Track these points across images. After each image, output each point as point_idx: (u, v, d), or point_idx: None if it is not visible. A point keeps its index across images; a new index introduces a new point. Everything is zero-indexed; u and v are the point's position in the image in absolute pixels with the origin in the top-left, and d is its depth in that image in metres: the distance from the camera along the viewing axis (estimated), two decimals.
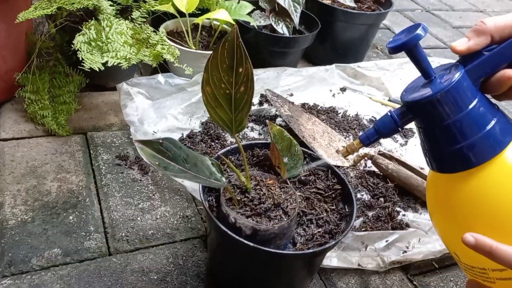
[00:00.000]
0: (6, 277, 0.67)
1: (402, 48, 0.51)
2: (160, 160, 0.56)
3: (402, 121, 0.55)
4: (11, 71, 0.97)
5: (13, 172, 0.84)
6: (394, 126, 0.55)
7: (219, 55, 0.54)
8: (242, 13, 1.16)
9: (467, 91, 0.51)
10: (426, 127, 0.54)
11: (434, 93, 0.50)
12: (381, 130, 0.56)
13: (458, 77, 0.50)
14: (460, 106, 0.51)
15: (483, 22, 0.52)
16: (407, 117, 0.55)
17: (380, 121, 0.56)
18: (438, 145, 0.54)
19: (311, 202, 0.67)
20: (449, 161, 0.53)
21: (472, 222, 0.53)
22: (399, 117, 0.55)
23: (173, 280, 0.71)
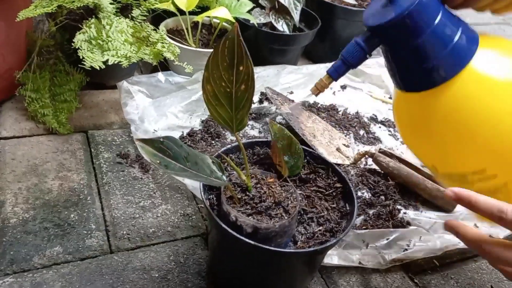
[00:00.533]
0: (8, 275, 0.67)
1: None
2: (161, 158, 0.56)
3: (368, 47, 0.54)
4: (11, 69, 0.97)
5: (14, 170, 0.84)
6: (362, 53, 0.54)
7: (220, 53, 0.54)
8: (242, 10, 1.16)
9: (430, 6, 0.50)
10: (393, 49, 0.53)
11: (399, 14, 0.49)
12: (348, 60, 0.55)
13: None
14: (426, 23, 0.49)
15: None
16: (373, 42, 0.53)
17: (346, 51, 0.55)
18: (408, 66, 0.52)
19: (311, 200, 0.67)
20: (421, 79, 0.52)
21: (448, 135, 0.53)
22: (365, 43, 0.53)
23: (174, 278, 0.71)
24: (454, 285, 0.79)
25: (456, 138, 0.52)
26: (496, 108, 0.50)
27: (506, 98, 0.50)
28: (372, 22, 0.51)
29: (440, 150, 0.55)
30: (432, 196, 0.90)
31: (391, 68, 0.56)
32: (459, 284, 0.80)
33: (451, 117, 0.52)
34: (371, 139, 1.09)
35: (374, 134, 1.11)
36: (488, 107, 0.50)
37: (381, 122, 1.16)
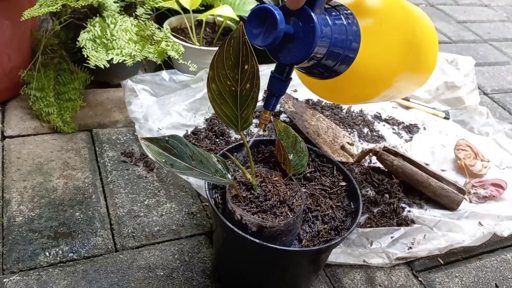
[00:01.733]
0: (14, 273, 0.68)
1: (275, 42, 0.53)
2: (166, 157, 0.56)
3: (285, 76, 0.60)
4: (16, 68, 0.97)
5: (19, 169, 0.85)
6: (282, 82, 0.60)
7: (225, 52, 0.54)
8: (246, 9, 1.16)
9: (325, 25, 0.57)
10: (308, 67, 0.62)
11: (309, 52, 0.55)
12: (274, 92, 0.61)
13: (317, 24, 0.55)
14: (328, 39, 0.57)
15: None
16: (287, 71, 0.60)
17: (269, 85, 0.61)
18: (321, 70, 0.62)
19: (316, 199, 0.67)
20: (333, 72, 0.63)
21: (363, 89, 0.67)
22: (281, 74, 0.60)
23: (179, 276, 0.72)
24: (459, 283, 0.79)
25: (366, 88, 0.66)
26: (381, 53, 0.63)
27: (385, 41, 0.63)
28: (285, 60, 0.58)
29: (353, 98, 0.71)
30: (437, 194, 0.90)
31: (305, 73, 0.66)
32: (463, 282, 0.80)
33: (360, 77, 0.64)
34: (375, 137, 1.09)
35: (378, 132, 1.11)
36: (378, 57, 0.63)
37: (385, 120, 1.16)
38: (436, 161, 1.04)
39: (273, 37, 0.52)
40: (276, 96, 0.61)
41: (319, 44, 0.55)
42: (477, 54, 1.69)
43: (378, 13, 0.64)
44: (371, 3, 0.65)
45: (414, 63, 0.68)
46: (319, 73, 0.64)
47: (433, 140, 1.11)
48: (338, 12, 0.60)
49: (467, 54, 1.56)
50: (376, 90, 0.67)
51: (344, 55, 0.60)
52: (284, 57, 0.57)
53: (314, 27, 0.54)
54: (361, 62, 0.62)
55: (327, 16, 0.58)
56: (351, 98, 0.73)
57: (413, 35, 0.66)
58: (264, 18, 0.53)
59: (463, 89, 1.28)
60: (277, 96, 0.61)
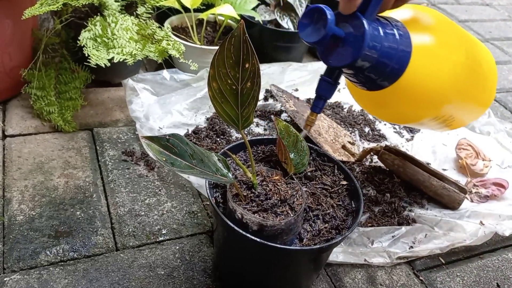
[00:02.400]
0: (15, 272, 0.68)
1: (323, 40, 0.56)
2: (167, 156, 0.56)
3: (334, 80, 0.62)
4: (17, 67, 0.97)
5: (20, 168, 0.85)
6: (331, 86, 0.63)
7: (226, 50, 0.54)
8: (246, 8, 1.16)
9: (376, 32, 0.58)
10: (354, 73, 0.62)
11: (357, 55, 0.57)
12: (322, 95, 0.63)
13: (368, 30, 0.56)
14: (377, 47, 0.58)
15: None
16: (336, 75, 0.62)
17: (318, 88, 0.63)
18: (368, 79, 0.62)
19: (317, 198, 0.67)
20: (382, 83, 0.62)
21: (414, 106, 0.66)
22: (330, 77, 0.62)
23: (180, 275, 0.72)
24: (460, 282, 0.79)
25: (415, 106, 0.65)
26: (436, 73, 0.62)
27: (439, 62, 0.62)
28: (333, 63, 0.60)
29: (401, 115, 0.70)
30: (438, 193, 0.89)
31: (352, 81, 0.66)
32: (464, 281, 0.79)
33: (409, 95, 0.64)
34: (376, 136, 1.09)
35: (379, 131, 1.11)
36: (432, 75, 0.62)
37: None
38: (437, 160, 1.04)
39: (322, 35, 0.54)
40: (324, 99, 0.63)
41: (368, 49, 0.56)
42: None
43: (434, 31, 0.63)
44: (427, 20, 0.64)
45: (468, 90, 0.66)
46: (367, 83, 0.63)
47: (434, 139, 1.11)
48: (390, 23, 0.60)
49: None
50: (424, 112, 0.65)
51: (392, 65, 0.60)
52: (333, 60, 0.59)
53: (364, 32, 0.56)
54: (411, 80, 0.61)
55: (379, 26, 0.58)
56: (397, 117, 0.72)
57: (471, 58, 0.64)
58: (318, 17, 0.55)
59: None
60: (325, 99, 0.63)
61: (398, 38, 0.60)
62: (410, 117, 0.69)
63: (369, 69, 0.59)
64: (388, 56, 0.59)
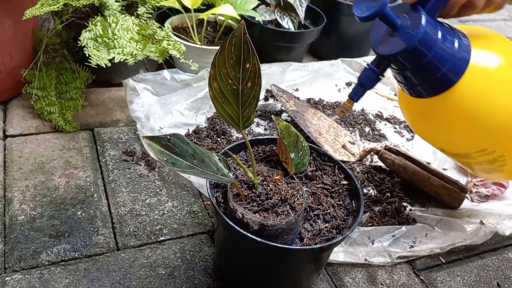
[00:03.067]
0: (16, 272, 0.68)
1: (375, 17, 0.55)
2: (168, 156, 0.56)
3: (380, 71, 0.61)
4: (18, 67, 0.97)
5: (21, 168, 0.85)
6: (375, 76, 0.61)
7: (226, 50, 0.54)
8: (247, 8, 1.16)
9: (433, 29, 0.57)
10: (403, 69, 0.60)
11: (409, 45, 0.55)
12: (365, 83, 0.62)
13: (424, 23, 0.55)
14: (432, 44, 0.56)
15: None
16: (384, 66, 0.61)
17: (362, 75, 0.62)
18: (418, 79, 0.60)
19: (318, 198, 0.67)
20: (431, 88, 0.60)
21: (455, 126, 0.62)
22: (377, 67, 0.61)
23: (181, 275, 0.72)
24: (460, 282, 0.79)
25: (464, 129, 0.61)
26: (493, 98, 0.58)
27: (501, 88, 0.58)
28: (383, 51, 0.58)
29: (447, 137, 0.65)
30: (438, 193, 0.89)
31: (401, 82, 0.63)
32: (465, 281, 0.79)
33: (457, 112, 0.60)
34: (377, 136, 1.09)
35: (380, 131, 1.11)
36: (487, 99, 0.58)
37: (386, 119, 1.16)
38: (437, 160, 1.04)
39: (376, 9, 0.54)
40: (364, 88, 0.62)
41: (421, 43, 0.55)
42: None
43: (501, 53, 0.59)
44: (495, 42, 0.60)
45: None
46: (414, 85, 0.61)
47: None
48: (452, 30, 0.59)
49: None
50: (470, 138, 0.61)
51: (444, 71, 0.57)
52: (383, 48, 0.58)
53: (420, 22, 0.55)
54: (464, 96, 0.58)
55: (438, 26, 0.57)
56: (441, 138, 0.67)
57: None
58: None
59: None
60: (365, 88, 0.62)
61: (456, 46, 0.57)
62: (455, 142, 0.64)
63: (419, 67, 0.57)
64: (441, 59, 0.57)
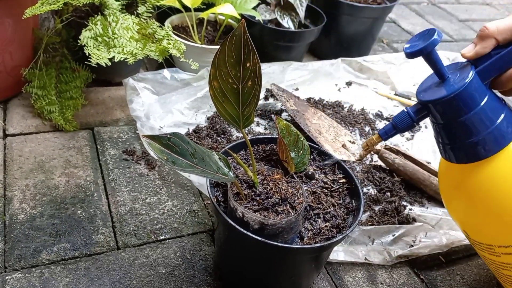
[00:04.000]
0: (16, 271, 0.68)
1: (419, 54, 0.54)
2: (168, 155, 0.56)
3: (417, 117, 0.59)
4: (18, 66, 0.97)
5: (21, 167, 0.85)
6: (410, 122, 0.60)
7: (227, 49, 0.54)
8: (247, 7, 1.16)
9: (478, 90, 0.55)
10: (441, 122, 0.58)
11: (449, 94, 0.54)
12: (398, 125, 0.61)
13: (470, 79, 0.54)
14: (472, 104, 0.55)
15: (485, 27, 0.56)
16: (422, 114, 0.59)
17: (397, 117, 0.61)
18: (452, 139, 0.58)
19: (318, 197, 0.67)
20: (462, 153, 0.58)
21: (482, 208, 0.58)
22: (415, 113, 0.59)
23: (181, 274, 0.72)
24: (460, 281, 0.79)
25: (489, 212, 0.58)
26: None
27: None
28: (423, 97, 0.57)
29: (473, 220, 0.61)
30: (438, 192, 0.89)
31: (437, 139, 0.61)
32: (464, 280, 0.80)
33: (485, 191, 0.57)
34: None
35: None
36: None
37: (386, 119, 1.16)
38: (437, 159, 1.04)
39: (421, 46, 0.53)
40: (396, 130, 0.61)
41: (461, 97, 0.54)
42: None
43: None
44: None
45: None
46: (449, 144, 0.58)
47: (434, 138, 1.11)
48: (503, 101, 0.57)
49: None
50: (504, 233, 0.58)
51: (479, 139, 0.55)
52: (424, 95, 0.57)
53: (465, 77, 0.54)
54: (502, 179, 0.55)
55: (487, 90, 0.56)
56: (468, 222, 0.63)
57: None
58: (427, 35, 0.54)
59: None
60: (397, 131, 0.61)
61: (503, 115, 0.55)
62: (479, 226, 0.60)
63: (454, 124, 0.56)
64: (480, 124, 0.55)
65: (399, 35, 1.71)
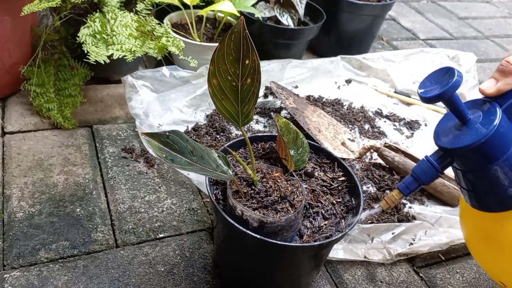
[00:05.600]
0: (15, 269, 0.68)
1: (439, 99, 0.50)
2: (167, 152, 0.56)
3: (441, 166, 0.54)
4: (16, 64, 0.97)
5: (19, 165, 0.85)
6: (434, 172, 0.55)
7: (226, 47, 0.54)
8: (246, 4, 1.16)
9: (507, 132, 0.50)
10: (466, 170, 0.53)
11: (478, 139, 0.49)
12: (420, 178, 0.56)
13: (498, 121, 0.49)
14: (504, 147, 0.50)
15: (509, 63, 0.52)
16: (446, 162, 0.54)
17: (418, 168, 0.56)
18: (482, 187, 0.53)
19: (317, 195, 0.67)
20: (495, 201, 0.52)
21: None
22: (437, 162, 0.55)
23: (180, 272, 0.72)
24: (460, 279, 0.79)
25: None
26: None
27: None
28: (446, 143, 0.52)
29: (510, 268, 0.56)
30: (438, 190, 0.89)
31: (462, 186, 0.56)
32: (464, 278, 0.79)
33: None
34: (376, 133, 1.09)
35: (379, 128, 1.11)
36: None
37: (386, 117, 1.16)
38: None
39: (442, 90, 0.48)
40: (419, 183, 0.56)
41: (491, 142, 0.49)
42: (479, 50, 1.68)
43: None
44: None
45: None
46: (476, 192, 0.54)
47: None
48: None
49: (469, 51, 1.56)
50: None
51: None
52: (446, 141, 0.52)
53: (493, 119, 0.49)
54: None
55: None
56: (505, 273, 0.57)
57: None
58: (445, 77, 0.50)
59: (465, 85, 1.28)
60: (420, 184, 0.56)
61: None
62: None
63: (485, 172, 0.51)
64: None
65: (399, 32, 1.70)
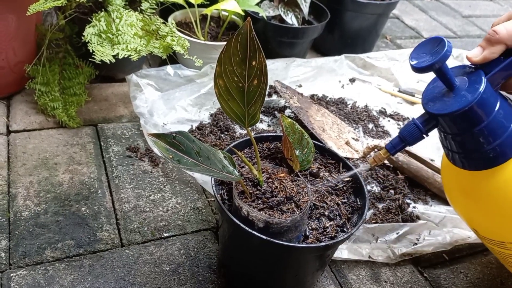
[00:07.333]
0: (21, 268, 0.68)
1: (430, 69, 0.52)
2: (174, 153, 0.56)
3: (426, 129, 0.57)
4: (21, 63, 0.97)
5: (25, 164, 0.85)
6: (419, 133, 0.57)
7: (232, 48, 0.54)
8: (250, 3, 1.16)
9: (490, 98, 0.53)
10: (452, 133, 0.56)
11: (463, 106, 0.52)
12: (406, 138, 0.58)
13: (483, 88, 0.52)
14: (486, 113, 0.53)
15: (495, 32, 0.54)
16: (431, 124, 0.57)
17: (404, 129, 0.58)
18: (464, 148, 0.56)
19: (322, 195, 0.67)
20: (476, 161, 0.56)
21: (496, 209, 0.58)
22: (423, 124, 0.57)
23: (185, 271, 0.72)
24: (464, 279, 0.79)
25: (503, 213, 0.57)
26: None
27: None
28: (433, 109, 0.54)
29: (485, 220, 0.60)
30: (442, 190, 0.89)
31: (446, 148, 0.60)
32: (468, 278, 0.80)
33: (502, 196, 0.56)
34: (380, 132, 1.09)
35: (383, 127, 1.11)
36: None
37: (390, 116, 1.16)
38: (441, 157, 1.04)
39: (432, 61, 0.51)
40: (404, 143, 0.58)
41: (475, 109, 0.52)
42: None
43: None
44: None
45: None
46: (461, 153, 0.57)
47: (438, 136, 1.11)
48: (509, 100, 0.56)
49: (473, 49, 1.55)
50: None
51: (495, 146, 0.54)
52: (434, 106, 0.55)
53: (478, 87, 0.52)
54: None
55: (499, 98, 0.54)
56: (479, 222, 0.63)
57: None
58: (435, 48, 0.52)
59: None
60: (405, 144, 0.58)
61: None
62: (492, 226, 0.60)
63: (468, 135, 0.54)
64: (495, 131, 0.53)
65: (403, 31, 1.70)
